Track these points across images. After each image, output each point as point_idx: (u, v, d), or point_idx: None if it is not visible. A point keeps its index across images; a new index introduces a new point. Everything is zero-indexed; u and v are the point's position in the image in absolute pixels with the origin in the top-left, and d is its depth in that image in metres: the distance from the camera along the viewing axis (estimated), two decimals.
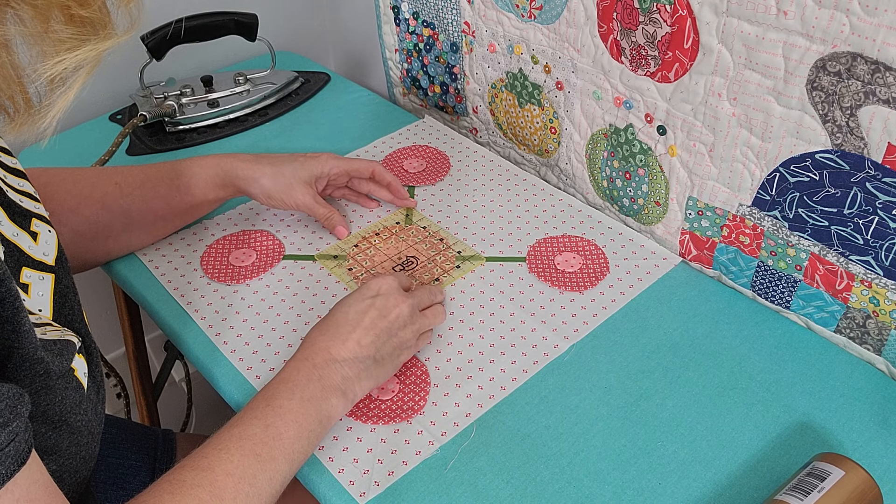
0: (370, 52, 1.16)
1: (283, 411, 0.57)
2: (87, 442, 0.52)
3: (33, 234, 0.50)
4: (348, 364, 0.61)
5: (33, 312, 0.47)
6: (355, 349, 0.62)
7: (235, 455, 0.54)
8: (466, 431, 0.64)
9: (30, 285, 0.48)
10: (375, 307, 0.65)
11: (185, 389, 1.18)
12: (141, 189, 0.76)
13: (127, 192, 0.75)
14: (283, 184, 0.78)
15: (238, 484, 0.53)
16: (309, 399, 0.59)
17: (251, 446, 0.55)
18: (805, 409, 0.65)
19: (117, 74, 1.07)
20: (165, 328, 0.76)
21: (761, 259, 0.72)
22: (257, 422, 0.56)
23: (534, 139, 0.92)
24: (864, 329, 0.67)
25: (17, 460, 0.40)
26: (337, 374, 0.61)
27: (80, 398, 0.49)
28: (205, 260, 0.81)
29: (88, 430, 0.52)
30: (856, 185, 0.61)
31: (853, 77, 0.57)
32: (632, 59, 0.73)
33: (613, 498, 0.58)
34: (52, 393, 0.46)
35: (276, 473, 0.55)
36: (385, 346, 0.64)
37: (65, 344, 0.48)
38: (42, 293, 0.49)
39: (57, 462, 0.49)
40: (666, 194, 0.78)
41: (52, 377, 0.46)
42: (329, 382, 0.60)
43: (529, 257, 0.80)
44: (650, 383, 0.67)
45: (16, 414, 0.40)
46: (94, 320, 1.13)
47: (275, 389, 0.59)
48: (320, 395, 0.59)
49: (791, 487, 0.54)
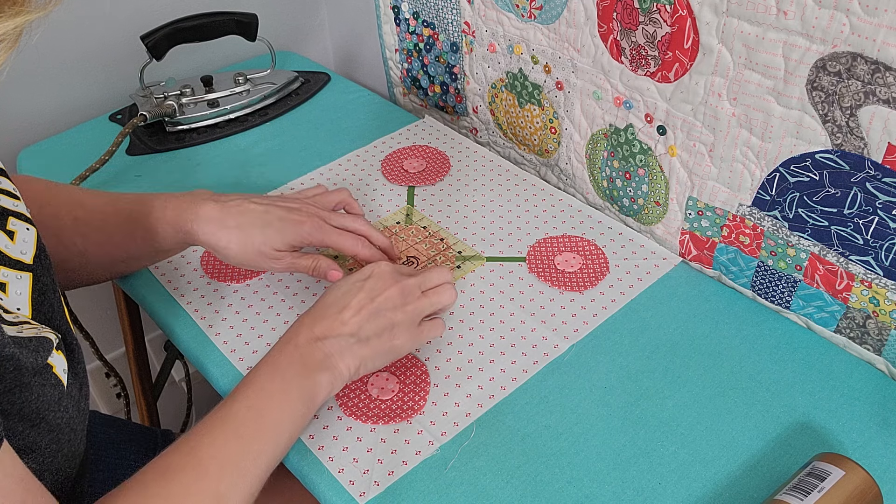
0: (370, 52, 1.16)
1: (265, 392, 0.57)
2: (68, 439, 0.52)
3: (10, 232, 0.50)
4: (329, 342, 0.61)
5: (10, 311, 0.47)
6: (337, 327, 0.62)
7: (219, 437, 0.54)
8: (466, 431, 0.64)
9: (7, 284, 0.48)
10: (364, 289, 0.64)
11: (185, 389, 1.18)
12: (97, 233, 0.71)
13: (83, 232, 0.70)
14: (252, 252, 0.69)
15: (222, 465, 0.53)
16: (291, 378, 0.58)
17: (234, 428, 0.55)
18: (805, 409, 0.65)
19: (117, 74, 1.07)
20: (165, 328, 0.76)
21: (761, 259, 0.72)
22: (240, 404, 0.56)
23: (534, 139, 0.92)
24: (864, 329, 0.67)
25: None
26: (319, 352, 0.60)
27: (59, 395, 0.49)
28: (205, 260, 0.81)
29: (70, 427, 0.51)
30: (856, 185, 0.61)
31: (853, 77, 0.57)
32: (632, 59, 0.73)
33: (613, 498, 0.58)
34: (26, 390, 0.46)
35: (260, 454, 0.55)
36: (369, 324, 0.62)
37: (41, 341, 0.47)
38: (20, 292, 0.49)
39: (37, 460, 0.49)
40: (666, 194, 0.78)
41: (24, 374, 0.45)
42: (311, 361, 0.60)
43: (529, 257, 0.80)
44: (650, 383, 0.67)
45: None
46: (94, 320, 1.13)
47: (258, 371, 0.59)
48: (303, 374, 0.59)
49: (791, 487, 0.54)
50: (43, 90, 1.03)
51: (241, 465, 0.54)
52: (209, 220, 0.69)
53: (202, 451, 0.53)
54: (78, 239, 0.70)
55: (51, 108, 1.04)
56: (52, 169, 0.96)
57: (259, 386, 0.58)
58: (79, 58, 1.04)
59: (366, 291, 0.64)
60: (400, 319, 0.64)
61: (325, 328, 0.62)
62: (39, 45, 1.06)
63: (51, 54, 1.01)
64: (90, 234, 0.70)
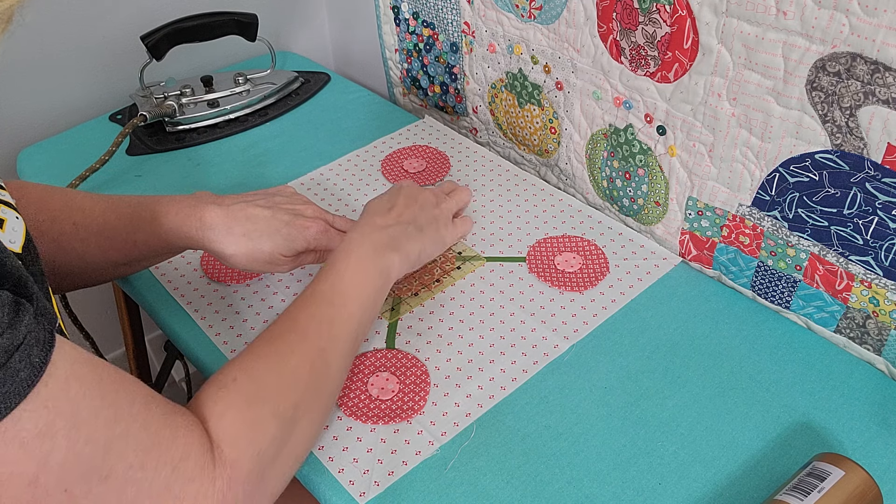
0: (370, 52, 1.16)
1: (343, 270, 0.64)
2: None
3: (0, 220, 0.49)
4: (393, 228, 0.69)
5: None
6: (396, 217, 0.71)
7: (311, 305, 0.61)
8: (466, 431, 0.64)
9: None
10: (402, 194, 0.74)
11: (185, 389, 1.18)
12: (97, 238, 0.69)
13: (83, 237, 0.69)
14: (261, 261, 0.70)
15: (319, 325, 0.60)
16: (364, 257, 0.65)
17: (324, 298, 0.62)
18: (805, 409, 0.65)
19: (117, 74, 1.07)
20: (165, 328, 0.76)
21: (761, 259, 0.72)
22: (322, 282, 0.63)
23: (534, 139, 0.92)
24: (864, 329, 0.67)
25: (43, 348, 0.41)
26: (385, 236, 0.68)
27: None
28: (205, 260, 0.81)
29: None
30: (855, 185, 0.61)
31: (853, 77, 0.57)
32: (631, 59, 0.73)
33: (613, 498, 0.59)
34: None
35: (351, 317, 0.62)
36: (422, 215, 0.73)
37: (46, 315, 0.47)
38: None
39: None
40: (666, 194, 0.78)
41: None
42: (380, 243, 0.67)
43: (529, 257, 0.80)
44: (650, 383, 0.67)
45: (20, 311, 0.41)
46: (94, 320, 1.13)
47: (333, 258, 0.66)
48: (374, 254, 0.66)
49: (791, 487, 0.54)
50: (43, 90, 1.03)
51: (335, 325, 0.61)
52: (213, 227, 0.68)
53: (300, 318, 0.60)
54: (77, 244, 0.69)
55: (51, 109, 1.04)
56: (52, 169, 0.96)
57: (336, 268, 0.64)
58: (79, 58, 1.04)
59: (404, 196, 0.73)
60: (442, 214, 0.76)
61: (387, 219, 0.70)
62: (39, 45, 1.07)
63: (51, 54, 1.01)
64: (90, 238, 0.69)
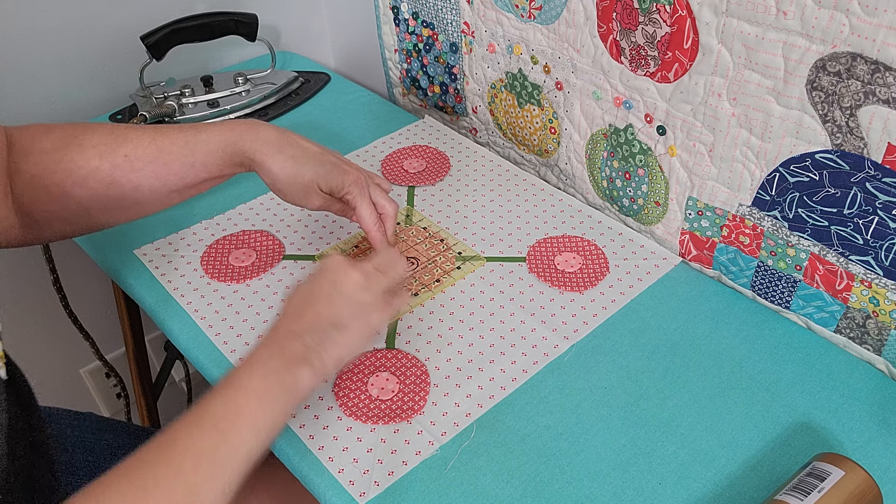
0: (370, 52, 1.16)
1: (244, 387, 0.57)
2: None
3: None
4: (308, 334, 0.61)
5: None
6: (313, 320, 0.61)
7: (195, 431, 0.53)
8: (466, 431, 0.64)
9: None
10: (327, 280, 0.64)
11: (185, 389, 1.18)
12: (153, 165, 0.71)
13: (138, 167, 0.71)
14: (300, 185, 0.72)
15: (198, 459, 0.52)
16: (271, 372, 0.58)
17: (212, 422, 0.54)
18: (805, 409, 0.65)
19: (117, 74, 1.07)
20: (165, 328, 0.76)
21: (761, 259, 0.72)
22: (218, 399, 0.56)
23: (533, 139, 0.92)
24: (864, 329, 0.67)
25: None
26: (299, 346, 0.60)
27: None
28: (205, 260, 0.81)
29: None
30: (856, 185, 0.61)
31: (853, 77, 0.57)
32: (631, 59, 0.73)
33: (613, 498, 0.58)
34: None
35: (239, 445, 0.54)
36: (343, 310, 0.63)
37: None
38: None
39: None
40: (666, 194, 0.78)
41: None
42: (291, 355, 0.59)
43: (529, 257, 0.80)
44: (650, 383, 0.67)
45: None
46: (94, 320, 1.13)
47: (237, 370, 0.59)
48: (283, 369, 0.59)
49: (791, 487, 0.54)
50: (43, 90, 1.03)
51: (217, 457, 0.53)
52: (268, 141, 0.71)
53: (178, 444, 0.53)
54: (133, 175, 0.70)
55: (51, 108, 1.04)
56: None
57: (238, 383, 0.57)
58: (79, 58, 1.04)
59: (330, 283, 0.64)
60: (370, 300, 0.65)
61: (302, 323, 0.61)
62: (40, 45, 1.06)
63: (51, 54, 1.01)
64: (145, 166, 0.71)
